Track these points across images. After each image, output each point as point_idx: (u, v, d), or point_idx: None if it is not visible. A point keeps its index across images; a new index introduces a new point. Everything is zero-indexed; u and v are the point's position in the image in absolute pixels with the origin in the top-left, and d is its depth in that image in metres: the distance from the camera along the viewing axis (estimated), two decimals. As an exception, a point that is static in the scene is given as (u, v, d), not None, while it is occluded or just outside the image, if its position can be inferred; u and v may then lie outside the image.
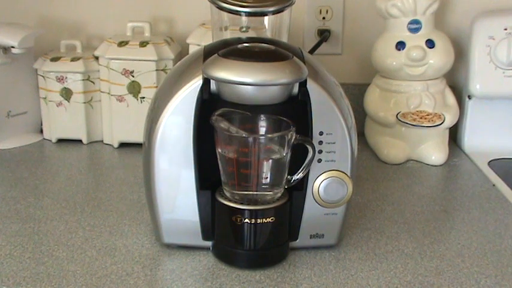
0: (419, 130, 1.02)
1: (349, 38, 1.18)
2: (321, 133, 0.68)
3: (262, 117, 0.68)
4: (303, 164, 0.67)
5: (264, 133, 0.68)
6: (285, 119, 0.66)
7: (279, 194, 0.69)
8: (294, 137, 0.65)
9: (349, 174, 0.70)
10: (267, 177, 0.67)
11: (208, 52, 0.68)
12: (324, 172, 0.69)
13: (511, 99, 1.08)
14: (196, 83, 0.67)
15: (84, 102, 1.09)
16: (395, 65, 1.04)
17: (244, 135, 0.64)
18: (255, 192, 0.68)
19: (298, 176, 0.68)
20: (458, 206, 0.88)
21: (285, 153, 0.66)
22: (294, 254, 0.72)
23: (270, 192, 0.68)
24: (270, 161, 0.66)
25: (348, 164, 0.70)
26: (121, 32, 1.11)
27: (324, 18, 1.17)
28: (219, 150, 0.67)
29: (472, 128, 1.10)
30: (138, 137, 0.77)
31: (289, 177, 0.68)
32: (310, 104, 0.67)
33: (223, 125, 0.64)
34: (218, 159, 0.68)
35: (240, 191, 0.68)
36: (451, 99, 1.07)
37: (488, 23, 1.04)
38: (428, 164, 1.04)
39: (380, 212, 0.85)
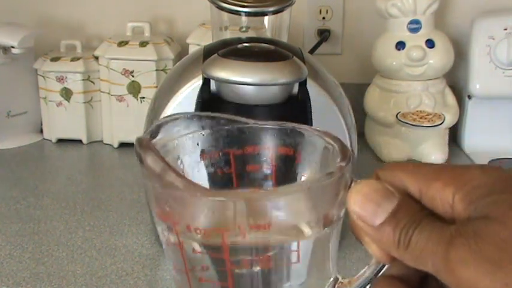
0: (419, 130, 1.02)
1: (349, 38, 1.18)
2: (321, 133, 0.68)
3: (269, 129, 0.32)
4: None
5: (266, 179, 0.32)
6: (326, 135, 0.30)
7: None
8: (348, 183, 0.28)
9: (349, 174, 0.69)
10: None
11: (208, 52, 0.68)
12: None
13: (511, 99, 1.08)
14: (196, 83, 0.67)
15: (84, 102, 1.09)
16: (395, 65, 1.04)
17: (212, 197, 0.27)
18: None
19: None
20: (458, 206, 0.87)
21: (329, 229, 0.29)
22: (294, 254, 0.72)
23: None
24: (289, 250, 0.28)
25: (348, 164, 0.69)
26: (121, 32, 1.11)
27: (324, 18, 1.17)
28: (155, 216, 0.30)
29: (472, 128, 1.10)
30: (138, 137, 0.77)
31: (340, 279, 0.32)
32: (310, 104, 0.67)
33: (150, 161, 0.28)
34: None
35: None
36: (451, 99, 1.07)
37: (488, 23, 1.04)
38: (428, 164, 1.04)
39: (380, 212, 0.85)
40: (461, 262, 0.22)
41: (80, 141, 1.11)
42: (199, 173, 0.31)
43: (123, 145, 1.09)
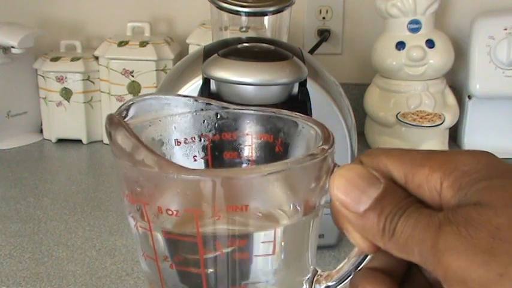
0: (419, 130, 1.02)
1: (349, 38, 1.18)
2: (321, 133, 0.68)
3: (249, 115, 0.30)
4: None
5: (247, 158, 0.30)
6: (309, 120, 0.30)
7: None
8: (330, 169, 0.26)
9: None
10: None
11: (208, 52, 0.68)
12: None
13: (511, 99, 1.08)
14: (196, 83, 0.67)
15: (84, 102, 1.09)
16: (395, 65, 1.04)
17: (185, 174, 0.24)
18: None
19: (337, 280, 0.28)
20: (458, 206, 0.87)
21: (306, 215, 0.27)
22: (294, 254, 0.72)
23: None
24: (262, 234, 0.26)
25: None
26: (121, 32, 1.11)
27: (324, 18, 1.17)
28: (125, 201, 0.28)
29: (472, 128, 1.10)
30: (138, 137, 0.77)
31: (319, 271, 0.29)
32: (310, 104, 0.67)
33: (121, 138, 0.26)
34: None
35: None
36: (451, 99, 1.07)
37: (488, 23, 1.04)
38: (428, 164, 1.04)
39: (380, 212, 0.85)
40: (451, 250, 0.20)
41: (80, 141, 1.11)
42: (173, 159, 0.29)
43: (123, 145, 1.08)
